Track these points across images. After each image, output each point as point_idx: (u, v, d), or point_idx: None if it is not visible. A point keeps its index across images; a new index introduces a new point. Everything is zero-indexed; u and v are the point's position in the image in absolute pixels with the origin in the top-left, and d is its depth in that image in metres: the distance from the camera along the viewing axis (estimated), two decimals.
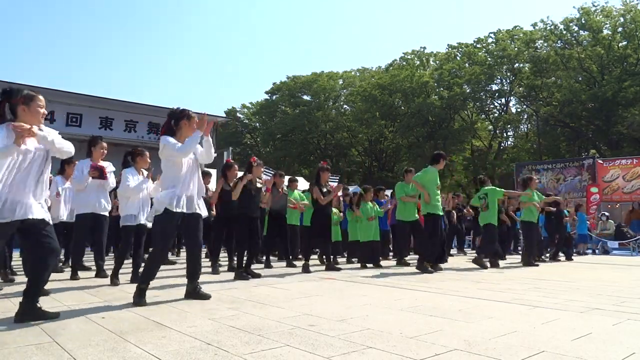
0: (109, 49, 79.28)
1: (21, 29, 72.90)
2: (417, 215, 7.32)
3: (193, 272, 3.84)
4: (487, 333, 2.66)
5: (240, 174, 6.18)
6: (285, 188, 7.77)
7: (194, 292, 3.81)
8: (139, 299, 3.52)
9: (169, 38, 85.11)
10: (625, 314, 3.34)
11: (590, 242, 13.15)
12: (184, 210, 3.65)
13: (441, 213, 6.86)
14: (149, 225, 4.76)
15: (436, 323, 2.93)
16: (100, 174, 5.15)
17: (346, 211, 8.51)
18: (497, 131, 34.10)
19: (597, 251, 13.13)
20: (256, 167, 5.67)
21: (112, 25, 78.43)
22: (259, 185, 5.83)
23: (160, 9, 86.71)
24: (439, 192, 6.87)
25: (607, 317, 3.19)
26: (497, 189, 8.04)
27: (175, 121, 3.75)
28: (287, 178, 8.26)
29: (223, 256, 7.35)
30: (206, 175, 7.16)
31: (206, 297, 3.80)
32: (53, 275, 5.45)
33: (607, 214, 14.69)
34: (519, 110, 34.23)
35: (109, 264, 5.71)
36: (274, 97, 41.86)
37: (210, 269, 6.23)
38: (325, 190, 6.48)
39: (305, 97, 39.90)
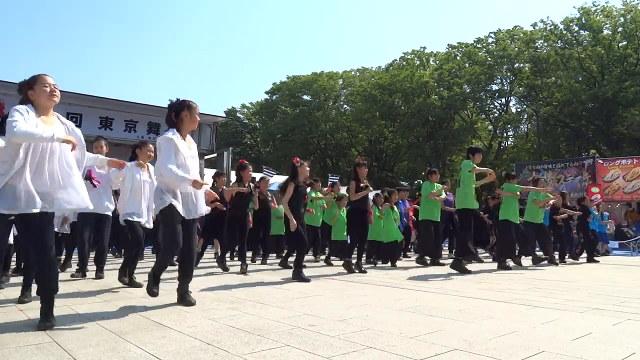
0: (109, 49, 79.30)
1: (21, 28, 72.93)
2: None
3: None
4: (487, 333, 2.66)
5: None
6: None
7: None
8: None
9: (169, 38, 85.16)
10: (625, 314, 3.34)
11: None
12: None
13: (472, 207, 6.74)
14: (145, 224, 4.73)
15: (436, 323, 2.93)
16: (90, 180, 5.11)
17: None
18: (497, 131, 34.11)
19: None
20: (301, 167, 5.59)
21: (112, 25, 78.46)
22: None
23: (161, 9, 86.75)
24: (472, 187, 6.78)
25: (607, 317, 3.19)
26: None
27: (175, 113, 3.60)
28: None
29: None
30: (220, 176, 7.38)
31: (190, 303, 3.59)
32: None
33: (607, 214, 14.68)
34: (519, 110, 34.22)
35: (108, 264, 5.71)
36: (274, 97, 41.84)
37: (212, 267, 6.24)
38: (362, 185, 6.53)
39: (305, 97, 39.88)
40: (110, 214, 5.34)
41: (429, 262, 7.44)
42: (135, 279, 4.61)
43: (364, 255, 8.58)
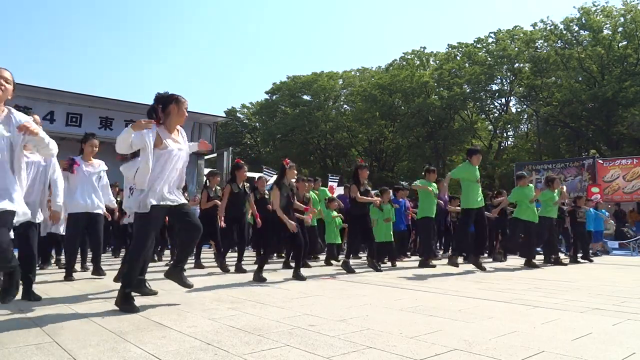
0: (109, 49, 79.36)
1: (21, 28, 72.96)
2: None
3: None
4: (487, 333, 2.66)
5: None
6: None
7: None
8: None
9: (169, 38, 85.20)
10: (625, 314, 3.34)
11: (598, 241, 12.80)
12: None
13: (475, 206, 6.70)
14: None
15: (436, 323, 2.93)
16: (69, 165, 4.96)
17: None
18: (497, 131, 34.11)
19: (597, 252, 13.09)
20: (289, 170, 5.57)
21: (112, 25, 78.50)
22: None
23: (161, 9, 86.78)
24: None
25: (607, 317, 3.19)
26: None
27: (163, 106, 3.48)
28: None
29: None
30: (214, 175, 7.40)
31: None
32: (51, 276, 5.48)
33: (604, 211, 14.66)
34: (519, 110, 34.22)
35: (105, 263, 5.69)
36: (274, 97, 41.85)
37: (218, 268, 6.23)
38: (363, 189, 6.49)
39: (305, 97, 39.88)
40: (101, 212, 5.29)
41: (431, 263, 7.35)
42: (149, 286, 4.24)
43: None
